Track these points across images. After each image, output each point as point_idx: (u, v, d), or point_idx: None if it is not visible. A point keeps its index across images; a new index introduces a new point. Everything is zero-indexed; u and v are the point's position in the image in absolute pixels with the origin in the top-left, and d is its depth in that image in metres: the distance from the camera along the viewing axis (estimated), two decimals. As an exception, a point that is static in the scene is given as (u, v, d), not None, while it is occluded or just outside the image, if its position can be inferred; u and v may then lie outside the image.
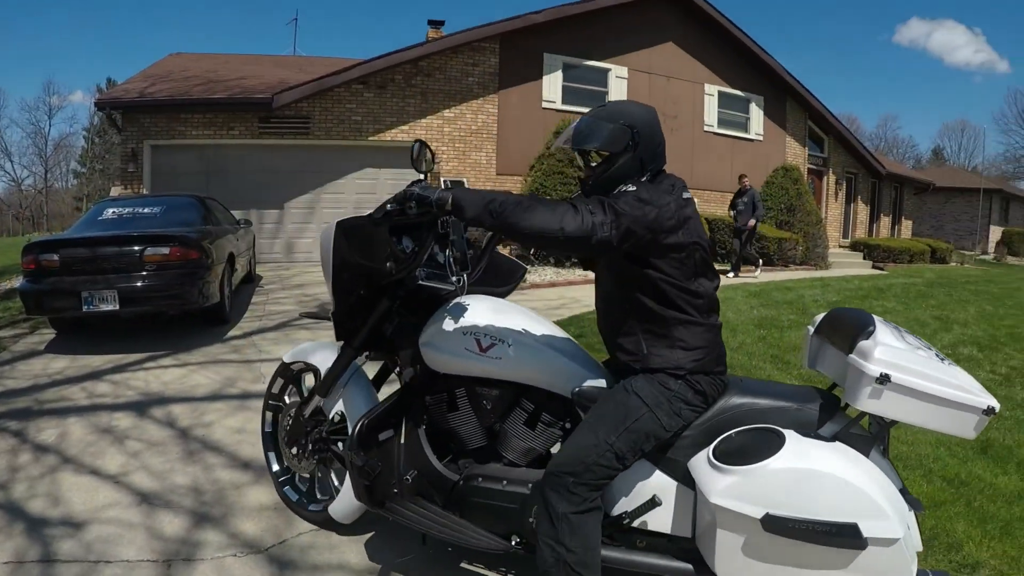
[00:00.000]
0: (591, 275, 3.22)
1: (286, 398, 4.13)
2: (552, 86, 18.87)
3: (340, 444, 3.68)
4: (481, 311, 3.20)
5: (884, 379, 2.51)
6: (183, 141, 15.87)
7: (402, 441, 3.30)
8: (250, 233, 12.46)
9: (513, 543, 3.06)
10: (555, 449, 3.16)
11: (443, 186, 2.78)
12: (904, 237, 31.22)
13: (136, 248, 7.81)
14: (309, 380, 4.04)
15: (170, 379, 6.70)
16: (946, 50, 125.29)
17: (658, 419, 2.72)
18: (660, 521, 2.86)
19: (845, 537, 2.42)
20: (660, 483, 2.86)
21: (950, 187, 41.49)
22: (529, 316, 3.33)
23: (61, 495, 4.31)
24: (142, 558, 3.63)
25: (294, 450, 3.88)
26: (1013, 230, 40.50)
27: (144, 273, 7.77)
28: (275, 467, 4.14)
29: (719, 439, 2.73)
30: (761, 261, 16.98)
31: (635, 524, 2.88)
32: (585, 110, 2.90)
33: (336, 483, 3.84)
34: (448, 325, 3.16)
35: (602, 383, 3.00)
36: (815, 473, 2.49)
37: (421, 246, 3.04)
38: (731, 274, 15.85)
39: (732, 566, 2.60)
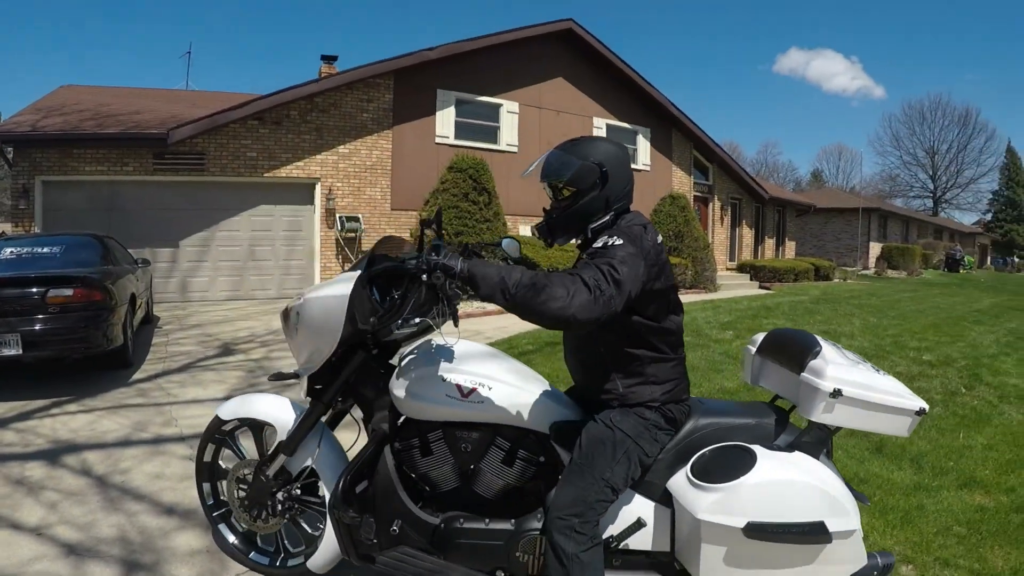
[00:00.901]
0: None
1: (220, 463, 4.05)
2: (445, 121, 19.23)
3: (306, 500, 3.74)
4: (452, 355, 3.27)
5: (836, 393, 2.90)
6: (76, 177, 15.52)
7: (377, 491, 3.28)
8: (148, 273, 12.31)
9: None
10: (523, 485, 3.28)
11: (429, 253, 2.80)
12: (788, 257, 32.66)
13: (39, 289, 7.68)
14: (242, 438, 4.04)
15: (78, 426, 6.65)
16: (824, 77, 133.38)
17: (641, 448, 2.94)
18: (641, 540, 3.09)
19: (814, 534, 2.79)
20: (641, 506, 3.09)
21: (830, 208, 43.54)
22: (496, 355, 3.45)
23: (-20, 551, 4.28)
24: (76, 611, 3.71)
25: (256, 512, 3.75)
26: (891, 245, 42.92)
27: (48, 315, 7.65)
28: (232, 538, 4.03)
29: (694, 459, 3.01)
30: None
31: (619, 546, 3.10)
32: (478, 145, 3.10)
33: (308, 532, 3.83)
34: (424, 372, 3.20)
35: (572, 415, 3.21)
36: (787, 482, 2.85)
37: (403, 301, 3.08)
38: None
39: (716, 574, 2.89)
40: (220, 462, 4.06)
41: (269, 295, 17.42)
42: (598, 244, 2.81)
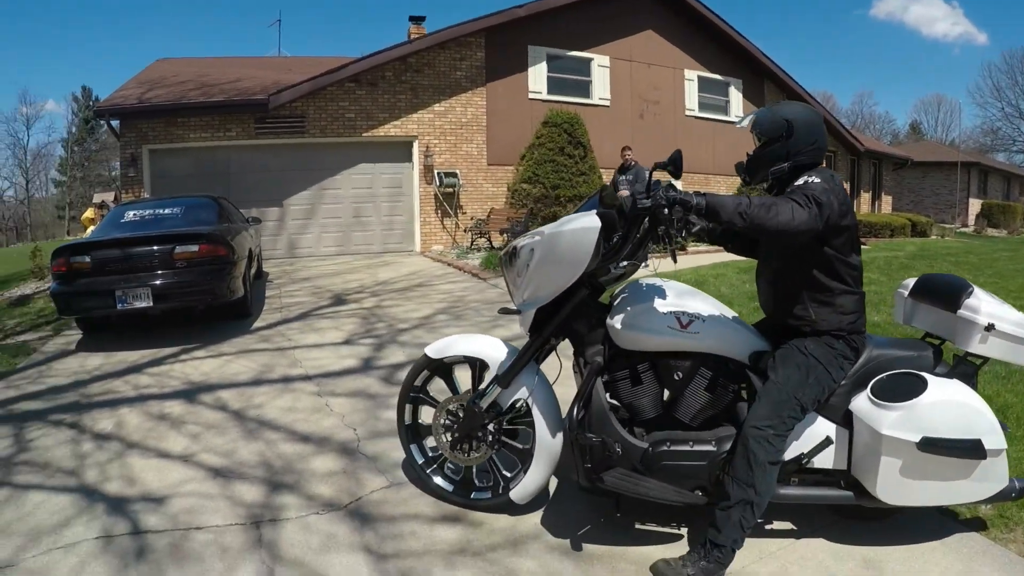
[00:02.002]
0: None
1: (428, 394, 4.20)
2: (538, 77, 19.18)
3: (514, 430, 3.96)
4: (664, 292, 3.60)
5: (990, 327, 3.29)
6: (181, 144, 16.11)
7: (593, 419, 3.47)
8: (259, 230, 12.78)
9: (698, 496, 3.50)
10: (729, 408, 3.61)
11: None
12: (884, 212, 31.49)
13: (167, 246, 8.13)
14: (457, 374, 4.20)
15: (209, 369, 7.00)
16: (923, 22, 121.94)
17: (830, 374, 3.31)
18: (824, 459, 3.44)
19: (973, 451, 3.15)
20: (826, 427, 3.44)
21: (928, 161, 41.51)
22: (698, 293, 3.75)
23: (134, 476, 4.59)
24: (230, 522, 3.96)
25: (466, 445, 3.94)
26: (992, 202, 40.63)
27: (175, 270, 8.10)
28: (420, 459, 4.23)
29: (872, 383, 3.37)
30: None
31: (807, 464, 3.44)
32: (571, 99, 3.25)
33: (503, 470, 3.99)
34: (643, 307, 3.50)
35: (767, 347, 3.51)
36: (954, 403, 3.22)
37: (625, 241, 3.34)
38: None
39: (890, 485, 3.25)
40: (420, 420, 4.27)
41: (373, 250, 17.80)
42: (798, 183, 3.20)
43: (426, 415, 4.23)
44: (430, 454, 4.25)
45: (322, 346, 7.85)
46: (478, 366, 4.02)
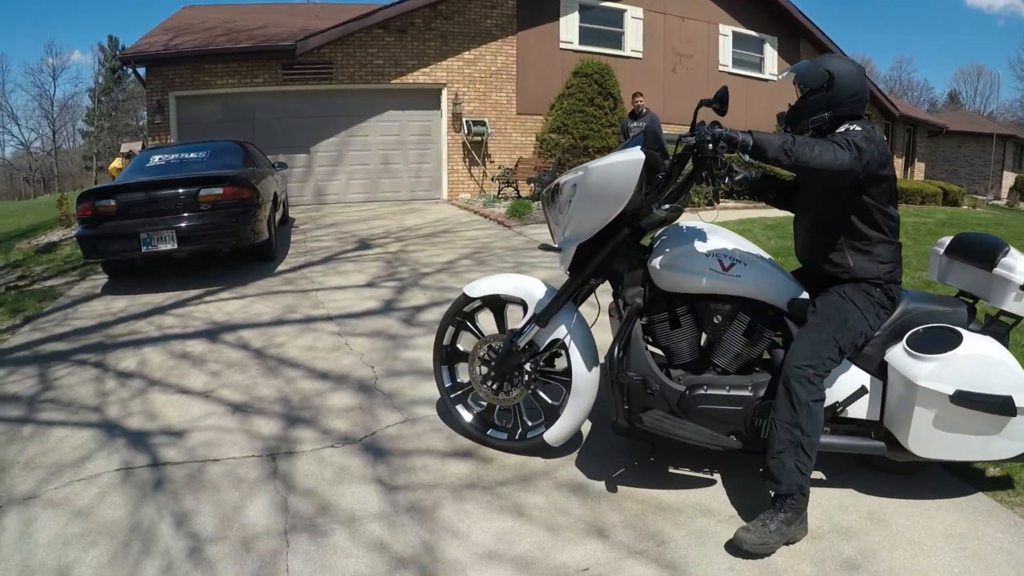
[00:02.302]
0: None
1: (459, 346, 4.19)
2: (569, 27, 18.88)
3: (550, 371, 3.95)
4: (705, 235, 3.58)
5: None
6: (207, 91, 16.05)
7: (631, 361, 3.47)
8: (284, 176, 12.78)
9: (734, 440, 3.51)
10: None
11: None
12: (917, 179, 31.00)
13: (191, 189, 8.12)
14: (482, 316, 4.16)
15: (232, 310, 7.04)
16: None
17: (867, 320, 3.33)
18: (858, 408, 3.45)
19: (1005, 407, 3.16)
20: (862, 376, 3.45)
21: (964, 131, 40.56)
22: (739, 239, 3.73)
23: (155, 411, 4.65)
24: (247, 455, 4.01)
25: (501, 384, 3.94)
26: None
27: (200, 212, 8.09)
28: (448, 382, 4.22)
29: (908, 335, 3.39)
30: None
31: (842, 412, 3.45)
32: (603, 50, 3.21)
33: (548, 403, 3.95)
34: (685, 249, 3.49)
35: (806, 295, 3.50)
36: (988, 358, 3.23)
37: (668, 180, 3.38)
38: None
39: (923, 437, 3.27)
40: (459, 345, 4.21)
41: (400, 198, 17.76)
42: (840, 131, 3.22)
43: (466, 343, 4.19)
44: (459, 381, 4.24)
45: (345, 288, 7.87)
46: (506, 308, 4.03)
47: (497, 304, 4.03)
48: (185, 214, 8.04)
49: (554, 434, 3.84)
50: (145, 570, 3.04)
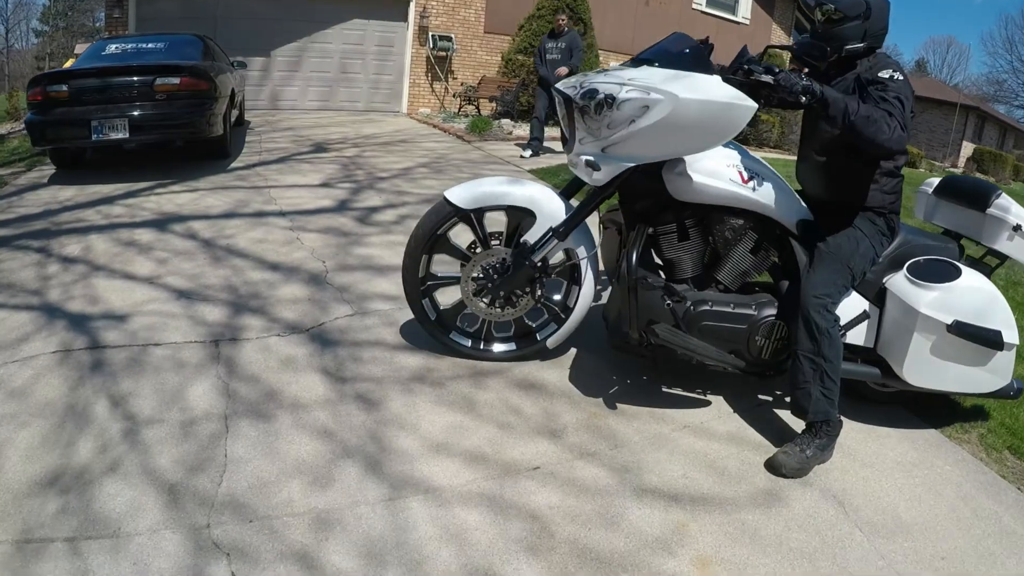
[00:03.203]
0: None
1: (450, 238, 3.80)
2: (544, -55, 18.35)
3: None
4: (727, 150, 3.50)
5: (1018, 228, 3.44)
6: (168, -13, 15.44)
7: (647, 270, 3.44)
8: (243, 75, 12.43)
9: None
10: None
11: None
12: (877, 138, 31.13)
13: (147, 78, 7.86)
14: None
15: (183, 202, 6.87)
16: None
17: (873, 248, 3.36)
18: (856, 335, 3.51)
19: (994, 340, 3.26)
20: (862, 302, 3.50)
21: (928, 97, 40.55)
22: (756, 157, 3.65)
23: (98, 296, 4.53)
24: (190, 339, 3.92)
25: (505, 300, 3.78)
26: (984, 149, 39.74)
27: (154, 102, 7.84)
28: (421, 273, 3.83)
29: (909, 264, 3.45)
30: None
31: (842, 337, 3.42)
32: None
33: (554, 310, 3.87)
34: (709, 157, 3.39)
35: (811, 217, 3.52)
36: (985, 291, 3.34)
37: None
38: (526, 152, 10.88)
39: (916, 365, 3.36)
40: (433, 270, 3.87)
41: (358, 107, 17.39)
42: (884, 75, 3.14)
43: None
44: (442, 308, 3.95)
45: (299, 187, 7.73)
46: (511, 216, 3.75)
47: (479, 215, 3.68)
48: (139, 103, 7.78)
49: (556, 339, 3.89)
50: (79, 451, 2.96)
